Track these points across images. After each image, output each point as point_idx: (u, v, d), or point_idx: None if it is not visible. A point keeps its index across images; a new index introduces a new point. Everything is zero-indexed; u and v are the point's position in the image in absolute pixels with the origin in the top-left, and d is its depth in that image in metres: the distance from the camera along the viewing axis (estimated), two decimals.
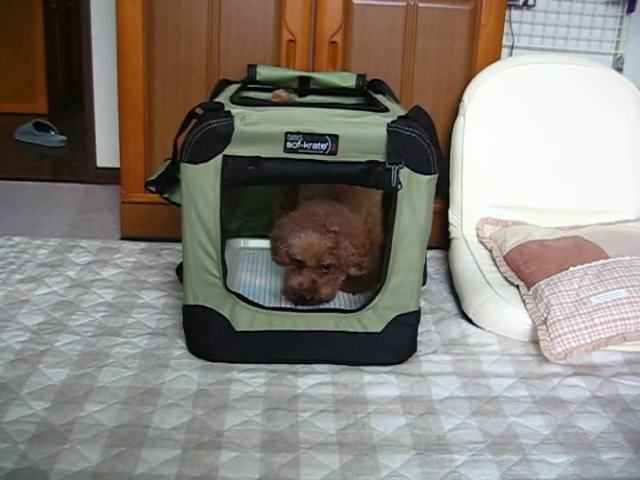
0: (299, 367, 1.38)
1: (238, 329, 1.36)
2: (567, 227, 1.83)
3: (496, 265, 1.69)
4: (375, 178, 1.27)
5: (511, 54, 2.38)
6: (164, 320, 1.55)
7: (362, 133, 1.25)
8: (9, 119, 3.62)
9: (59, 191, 2.50)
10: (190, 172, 1.26)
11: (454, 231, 1.88)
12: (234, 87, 1.70)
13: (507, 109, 1.85)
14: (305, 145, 1.24)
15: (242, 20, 1.89)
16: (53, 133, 3.27)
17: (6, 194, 2.40)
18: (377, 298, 1.36)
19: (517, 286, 1.56)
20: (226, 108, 1.26)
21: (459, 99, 1.90)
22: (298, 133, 1.23)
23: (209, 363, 1.38)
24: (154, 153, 1.99)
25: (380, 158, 1.26)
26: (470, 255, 1.75)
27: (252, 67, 1.77)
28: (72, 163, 2.89)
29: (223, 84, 1.74)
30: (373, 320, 1.37)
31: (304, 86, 1.79)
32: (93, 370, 1.34)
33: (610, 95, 1.88)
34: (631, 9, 2.38)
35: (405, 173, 1.27)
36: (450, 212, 1.89)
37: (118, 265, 1.83)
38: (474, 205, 1.86)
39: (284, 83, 1.80)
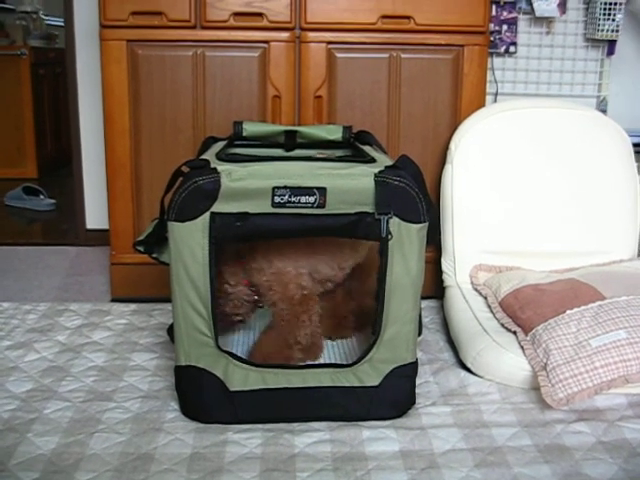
0: (296, 425, 1.34)
1: (232, 389, 1.33)
2: (562, 270, 1.82)
3: (492, 312, 1.67)
4: (365, 229, 1.26)
5: (495, 100, 2.40)
6: (156, 382, 1.51)
7: (350, 184, 1.25)
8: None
9: (48, 255, 2.48)
10: (178, 230, 1.25)
11: (448, 279, 1.86)
12: (220, 144, 1.70)
13: (494, 155, 1.86)
14: (293, 199, 1.23)
15: (227, 78, 1.91)
16: (42, 197, 3.27)
17: None
18: (372, 351, 1.34)
19: (514, 332, 1.54)
20: (212, 165, 1.26)
21: (446, 147, 1.91)
22: (285, 187, 1.23)
23: (203, 425, 1.34)
24: (143, 213, 1.98)
25: (369, 209, 1.26)
26: (465, 303, 1.73)
27: (238, 123, 1.78)
28: (62, 226, 2.88)
29: (210, 141, 1.74)
30: (369, 374, 1.34)
31: (291, 140, 1.79)
32: (84, 437, 1.30)
33: (598, 137, 1.90)
34: (611, 52, 2.42)
35: (395, 223, 1.26)
36: (443, 260, 1.88)
37: (109, 328, 1.80)
38: (466, 252, 1.85)
39: (271, 138, 1.81)
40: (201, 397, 1.34)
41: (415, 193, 1.25)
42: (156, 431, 1.32)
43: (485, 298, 1.74)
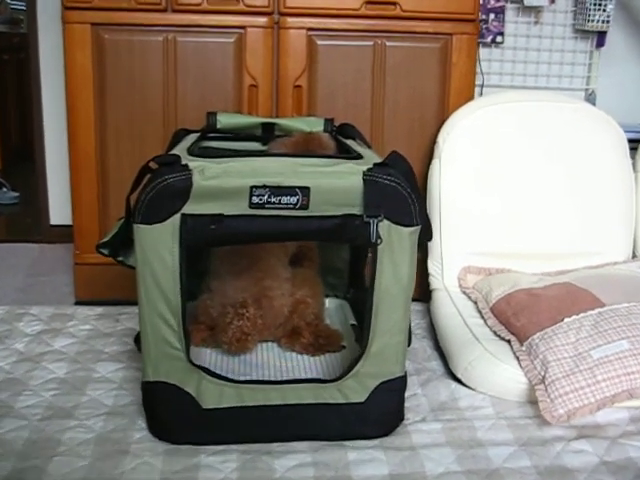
0: (275, 446, 1.23)
1: (205, 406, 1.21)
2: (554, 272, 1.73)
3: (483, 318, 1.57)
4: (352, 233, 1.15)
5: (481, 93, 2.30)
6: (122, 397, 1.39)
7: (335, 184, 1.13)
8: None
9: (10, 252, 2.33)
10: (145, 234, 1.13)
11: (434, 282, 1.76)
12: (193, 137, 1.58)
13: (484, 150, 1.76)
14: (273, 199, 1.11)
15: (200, 65, 1.78)
16: (5, 190, 3.11)
17: None
18: (359, 365, 1.23)
19: (508, 341, 1.44)
20: (183, 161, 1.14)
21: (433, 141, 1.80)
22: (264, 187, 1.11)
23: (174, 446, 1.22)
24: (109, 210, 1.85)
25: (357, 211, 1.14)
26: (454, 307, 1.63)
27: (212, 115, 1.66)
28: (25, 221, 2.73)
29: (181, 134, 1.62)
30: (355, 389, 1.24)
31: (268, 133, 1.68)
32: (41, 461, 1.17)
33: (591, 131, 1.81)
34: (600, 43, 2.33)
35: (385, 226, 1.15)
36: (429, 262, 1.78)
37: (72, 334, 1.67)
38: (454, 253, 1.75)
39: (247, 131, 1.69)
40: (171, 415, 1.23)
41: (407, 193, 1.14)
42: (122, 454, 1.20)
43: (475, 303, 1.64)
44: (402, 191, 1.14)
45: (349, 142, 1.53)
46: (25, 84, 3.98)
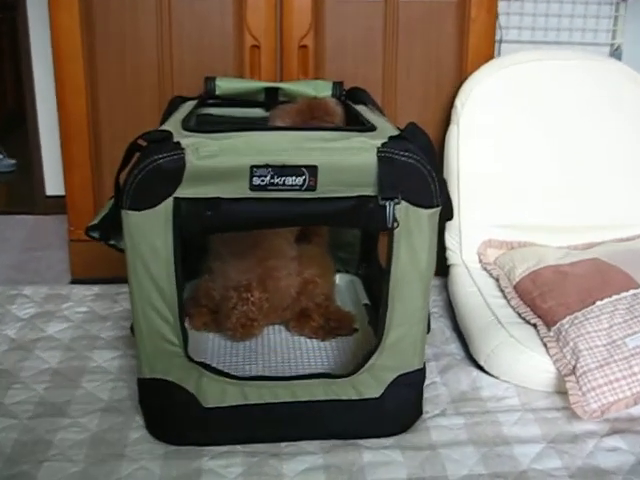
0: (284, 446, 1.13)
1: (207, 405, 1.11)
2: (581, 245, 1.61)
3: (505, 297, 1.46)
4: (366, 217, 1.03)
5: (500, 49, 2.15)
6: (119, 389, 1.29)
7: (346, 162, 1.01)
8: None
9: (4, 225, 2.23)
10: (134, 221, 1.01)
11: (452, 256, 1.64)
12: (190, 105, 1.45)
13: (506, 114, 1.62)
14: (276, 180, 0.99)
15: (197, 25, 1.64)
16: (1, 157, 2.99)
17: None
18: (374, 357, 1.12)
19: (534, 325, 1.33)
20: (175, 138, 1.01)
21: (450, 105, 1.67)
22: (267, 166, 0.99)
23: (174, 448, 1.13)
24: (104, 184, 1.73)
25: (370, 192, 1.02)
26: (474, 286, 1.52)
27: (210, 80, 1.53)
28: (21, 191, 2.61)
29: (177, 102, 1.49)
30: (370, 384, 1.13)
31: (272, 99, 1.55)
32: (31, 467, 1.08)
33: (620, 92, 1.66)
34: None
35: (402, 207, 1.03)
36: (447, 235, 1.66)
37: (66, 318, 1.57)
38: (474, 226, 1.63)
39: (248, 96, 1.55)
40: (170, 415, 1.13)
41: (427, 171, 1.02)
42: (117, 457, 1.10)
43: (496, 280, 1.52)
44: (421, 169, 1.01)
45: (359, 108, 1.40)
46: (19, 45, 3.83)
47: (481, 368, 1.34)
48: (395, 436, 1.16)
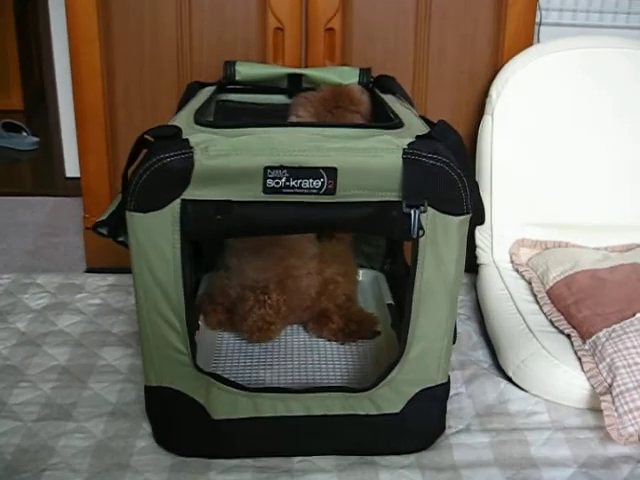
0: (296, 462, 1.07)
1: (216, 417, 1.05)
2: (619, 247, 1.51)
3: (538, 302, 1.37)
4: (388, 225, 0.94)
5: (539, 32, 2.03)
6: (128, 391, 1.24)
7: (369, 164, 0.92)
8: None
9: (23, 208, 2.18)
10: (139, 223, 0.95)
11: (482, 256, 1.55)
12: (208, 91, 1.37)
13: (545, 106, 1.52)
14: (292, 183, 0.91)
15: (218, 6, 1.55)
16: (25, 134, 2.94)
17: None
18: (394, 371, 1.05)
19: (568, 335, 1.24)
20: (184, 134, 0.94)
21: (485, 94, 1.56)
22: (281, 167, 0.91)
23: (181, 460, 1.07)
24: (120, 170, 1.66)
25: (394, 197, 0.94)
26: (504, 288, 1.43)
27: (230, 64, 1.45)
28: (42, 171, 2.57)
29: (195, 87, 1.41)
30: (389, 398, 1.06)
31: (295, 86, 1.46)
32: (30, 477, 1.03)
33: None
34: None
35: (429, 215, 0.94)
36: (477, 232, 1.56)
37: (79, 310, 1.52)
38: (507, 224, 1.53)
39: (270, 83, 1.47)
40: (178, 426, 1.07)
41: (457, 175, 0.93)
42: (121, 468, 1.05)
43: (529, 283, 1.43)
44: (451, 173, 0.93)
45: (387, 98, 1.31)
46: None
47: (510, 379, 1.26)
48: (415, 453, 1.09)
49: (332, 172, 0.91)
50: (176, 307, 0.99)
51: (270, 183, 0.91)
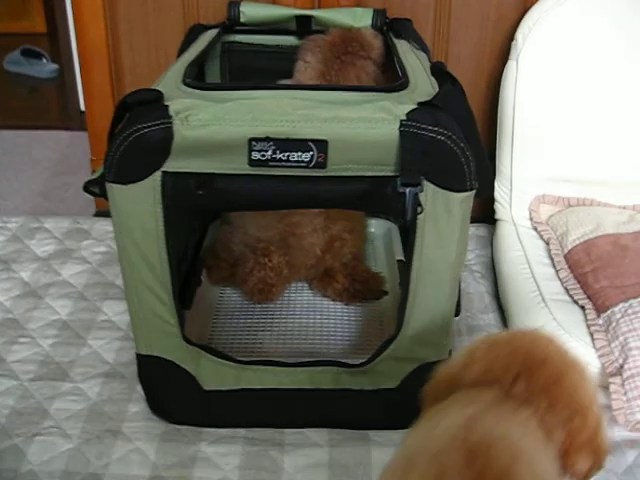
0: (288, 434, 1.05)
1: (206, 388, 1.03)
2: None
3: (554, 266, 1.29)
4: (382, 203, 0.88)
5: None
6: (126, 350, 1.22)
7: (363, 136, 0.85)
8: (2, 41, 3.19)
9: (38, 143, 2.15)
10: (119, 195, 0.89)
11: (500, 210, 1.47)
12: (210, 35, 1.29)
13: (575, 53, 1.39)
14: (279, 155, 0.85)
15: None
16: (45, 61, 2.87)
17: None
18: (390, 348, 1.00)
19: (582, 307, 1.18)
20: (166, 100, 0.87)
21: (511, 37, 1.44)
22: (267, 139, 0.84)
23: (172, 427, 1.06)
24: None
25: (390, 171, 0.87)
26: (520, 249, 1.36)
27: (234, 5, 1.36)
28: (59, 102, 2.51)
29: (197, 30, 1.33)
30: (385, 374, 1.02)
31: (304, 28, 1.37)
32: (22, 441, 1.03)
33: None
34: None
35: (429, 190, 0.87)
36: (496, 185, 1.48)
37: (84, 259, 1.50)
38: (527, 178, 1.44)
39: (277, 24, 1.38)
40: (169, 395, 1.06)
41: (460, 150, 0.85)
42: (112, 435, 1.04)
43: (547, 244, 1.36)
44: (453, 147, 0.85)
45: (400, 45, 1.21)
46: None
47: None
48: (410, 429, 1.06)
49: (322, 144, 0.84)
50: (162, 279, 0.95)
51: (255, 155, 0.85)
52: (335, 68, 1.26)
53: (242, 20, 1.35)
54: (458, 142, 0.85)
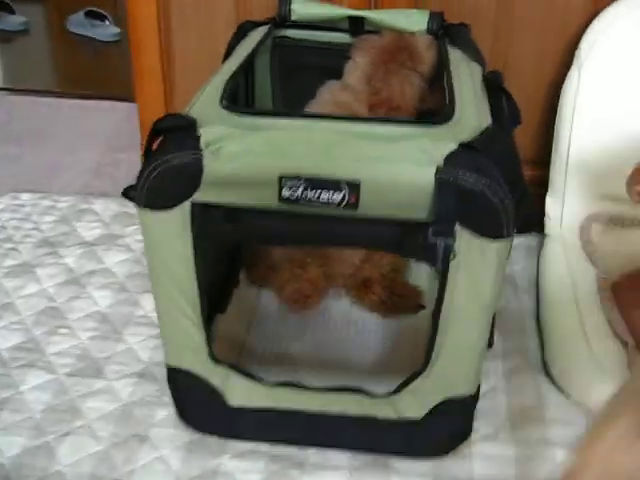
0: (311, 454, 1.05)
1: (233, 404, 1.04)
2: None
3: (599, 294, 1.24)
4: (412, 248, 0.86)
5: None
6: (160, 349, 1.20)
7: (397, 179, 0.82)
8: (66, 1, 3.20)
9: (95, 114, 2.17)
10: (149, 219, 0.89)
11: (550, 225, 1.42)
12: (258, 35, 1.26)
13: None
14: (309, 194, 0.83)
15: None
16: (108, 23, 2.88)
17: (38, 120, 2.10)
18: (417, 381, 0.99)
19: (626, 344, 1.13)
20: (199, 127, 0.85)
21: (575, 45, 1.36)
22: (298, 177, 0.82)
23: (197, 436, 1.08)
24: (176, 97, 1.61)
25: (423, 216, 0.83)
26: (567, 271, 1.30)
27: (285, 1, 1.32)
28: (120, 70, 2.52)
29: (247, 27, 1.31)
30: (411, 404, 1.01)
31: (357, 28, 1.33)
32: (54, 440, 1.07)
33: None
34: None
35: (464, 236, 0.84)
36: (548, 197, 1.42)
37: (128, 246, 1.52)
38: (581, 193, 1.38)
39: (329, 24, 1.34)
40: (196, 407, 1.07)
41: (499, 200, 0.81)
42: (140, 441, 1.07)
43: (595, 267, 1.30)
44: (493, 198, 0.80)
45: (453, 56, 1.16)
46: None
47: (553, 380, 1.18)
48: (434, 460, 1.05)
49: (355, 186, 0.82)
50: (192, 301, 0.95)
51: (285, 193, 0.83)
52: (380, 74, 1.23)
53: (293, 18, 1.32)
54: (498, 192, 0.81)
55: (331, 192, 0.82)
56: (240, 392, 1.03)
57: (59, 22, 2.93)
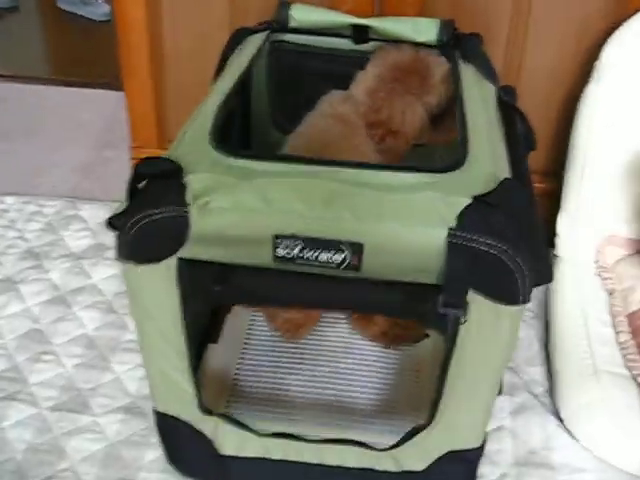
0: None
1: (224, 453, 0.98)
2: None
3: (614, 326, 1.18)
4: (420, 313, 0.79)
5: None
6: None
7: (404, 240, 0.74)
8: None
9: (86, 105, 2.08)
10: (132, 273, 0.82)
11: (561, 247, 1.34)
12: (255, 43, 1.18)
13: None
14: (307, 254, 0.75)
15: None
16: (100, 1, 2.75)
17: (26, 111, 2.01)
18: (420, 435, 0.93)
19: None
20: (184, 175, 0.77)
21: (594, 57, 1.27)
22: (294, 237, 0.74)
23: None
24: (166, 97, 1.53)
25: (432, 279, 0.76)
26: (578, 299, 1.24)
27: (284, 6, 1.23)
28: (109, 53, 2.41)
29: (242, 35, 1.22)
30: (413, 457, 0.95)
31: (361, 35, 1.23)
32: None
33: None
34: None
35: (475, 299, 0.77)
36: (559, 218, 1.35)
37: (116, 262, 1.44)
38: (596, 216, 1.31)
39: (331, 31, 1.24)
40: (185, 453, 1.01)
41: (515, 265, 0.74)
42: None
43: (610, 294, 1.24)
44: (508, 263, 0.73)
45: (466, 76, 1.07)
46: None
47: (561, 420, 1.12)
48: None
49: (357, 247, 0.74)
50: (179, 350, 0.89)
51: (280, 252, 0.75)
52: (384, 91, 1.14)
53: (292, 25, 1.22)
54: (513, 257, 0.73)
55: (331, 253, 0.75)
56: (232, 442, 0.97)
57: None
